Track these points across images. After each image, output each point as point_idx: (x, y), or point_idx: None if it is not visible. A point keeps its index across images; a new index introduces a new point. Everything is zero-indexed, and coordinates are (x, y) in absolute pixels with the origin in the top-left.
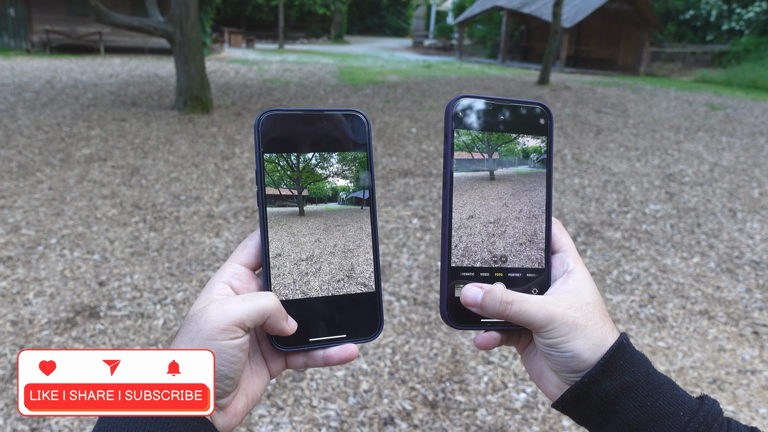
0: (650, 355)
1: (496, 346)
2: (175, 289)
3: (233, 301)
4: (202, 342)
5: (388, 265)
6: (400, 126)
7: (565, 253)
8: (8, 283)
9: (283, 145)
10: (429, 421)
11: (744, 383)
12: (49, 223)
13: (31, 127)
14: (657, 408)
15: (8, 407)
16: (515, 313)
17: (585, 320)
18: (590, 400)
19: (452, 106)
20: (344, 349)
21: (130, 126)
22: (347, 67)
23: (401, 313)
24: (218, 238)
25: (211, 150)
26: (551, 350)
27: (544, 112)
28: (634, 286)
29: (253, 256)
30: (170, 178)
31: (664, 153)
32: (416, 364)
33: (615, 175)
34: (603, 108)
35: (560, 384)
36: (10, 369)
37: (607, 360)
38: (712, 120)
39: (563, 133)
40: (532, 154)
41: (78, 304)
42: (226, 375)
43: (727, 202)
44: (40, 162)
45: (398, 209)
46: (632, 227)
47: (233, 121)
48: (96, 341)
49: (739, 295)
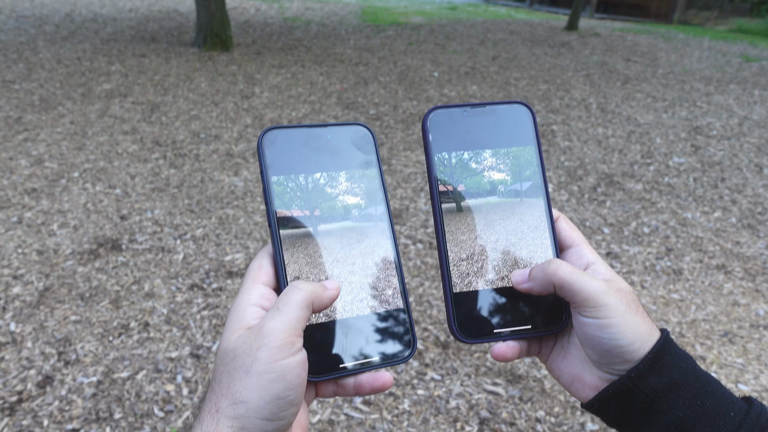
0: (663, 307)
1: (515, 357)
2: (195, 225)
3: (272, 317)
4: (262, 369)
5: (405, 209)
6: (422, 69)
7: (579, 247)
8: (33, 213)
9: (289, 167)
10: (440, 360)
11: (756, 337)
12: (72, 156)
13: (52, 61)
14: (707, 407)
15: (36, 331)
16: (567, 275)
17: (636, 306)
18: (635, 398)
19: (427, 120)
20: (377, 377)
21: (150, 62)
22: (369, 7)
23: (416, 256)
24: (237, 176)
25: (230, 89)
26: (599, 333)
27: (527, 113)
28: (652, 238)
29: (272, 276)
30: (190, 116)
31: (693, 105)
32: (429, 306)
33: (640, 126)
34: (632, 56)
35: (598, 384)
36: (37, 296)
37: (656, 354)
38: (746, 72)
39: (589, 81)
40: (523, 168)
41: (101, 236)
42: (292, 401)
43: (754, 157)
44: (61, 96)
45: (417, 154)
46: (654, 179)
47: (253, 60)
48: (118, 272)
49: (759, 251)
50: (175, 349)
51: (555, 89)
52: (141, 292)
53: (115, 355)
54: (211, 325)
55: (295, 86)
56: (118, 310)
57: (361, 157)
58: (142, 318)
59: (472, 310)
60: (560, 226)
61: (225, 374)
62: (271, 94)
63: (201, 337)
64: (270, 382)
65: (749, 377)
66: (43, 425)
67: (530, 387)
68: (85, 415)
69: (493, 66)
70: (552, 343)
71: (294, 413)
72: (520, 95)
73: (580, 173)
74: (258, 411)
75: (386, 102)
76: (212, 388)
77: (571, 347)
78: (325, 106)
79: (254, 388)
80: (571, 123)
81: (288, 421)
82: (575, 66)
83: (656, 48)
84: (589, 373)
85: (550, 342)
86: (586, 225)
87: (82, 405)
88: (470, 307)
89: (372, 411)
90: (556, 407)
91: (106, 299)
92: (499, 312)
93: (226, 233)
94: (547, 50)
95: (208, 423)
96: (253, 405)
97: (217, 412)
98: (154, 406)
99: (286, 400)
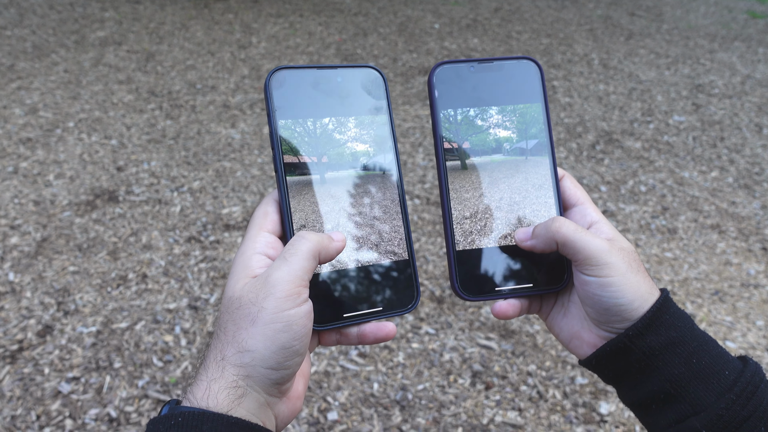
0: (656, 265)
1: (516, 315)
2: (192, 177)
3: (278, 266)
4: (269, 319)
5: (403, 164)
6: (422, 21)
7: (583, 206)
8: (29, 164)
9: (298, 110)
10: (435, 315)
11: (746, 296)
12: (66, 106)
13: (44, 6)
14: (703, 365)
15: (34, 281)
16: (570, 233)
17: (637, 266)
18: (632, 356)
19: (433, 75)
20: (380, 327)
21: (145, 9)
22: None
23: (414, 212)
24: (234, 129)
25: (227, 38)
26: (600, 292)
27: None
28: (649, 197)
29: (278, 223)
30: (186, 66)
31: (696, 62)
32: (426, 261)
33: (642, 83)
34: (637, 11)
35: (597, 342)
36: (35, 246)
37: (654, 313)
38: (751, 29)
39: (592, 35)
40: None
41: (97, 187)
42: (297, 351)
43: (754, 116)
44: (54, 43)
45: (416, 108)
46: (653, 138)
47: (250, 8)
48: (116, 224)
49: (754, 212)
50: (173, 301)
51: (557, 44)
52: (138, 243)
53: (113, 306)
54: (208, 277)
55: (293, 36)
56: (116, 261)
57: (371, 102)
58: (140, 270)
59: (474, 268)
60: (565, 185)
61: (231, 322)
62: (269, 45)
63: (199, 289)
64: (276, 332)
65: (737, 335)
66: (44, 373)
67: (522, 342)
68: (85, 364)
69: (495, 18)
70: (553, 301)
71: (299, 362)
72: (522, 49)
73: (579, 130)
74: (264, 360)
75: (386, 54)
76: (217, 336)
77: (571, 305)
78: (324, 58)
79: (260, 338)
80: (572, 79)
81: (293, 371)
82: (578, 20)
83: (662, 2)
84: (588, 331)
85: (551, 300)
86: (583, 183)
87: (82, 354)
88: (473, 265)
89: (367, 363)
90: (547, 361)
91: (104, 251)
92: (501, 270)
93: (224, 186)
94: (550, 3)
95: (213, 370)
96: (259, 354)
97: (222, 360)
98: (153, 356)
99: (291, 349)
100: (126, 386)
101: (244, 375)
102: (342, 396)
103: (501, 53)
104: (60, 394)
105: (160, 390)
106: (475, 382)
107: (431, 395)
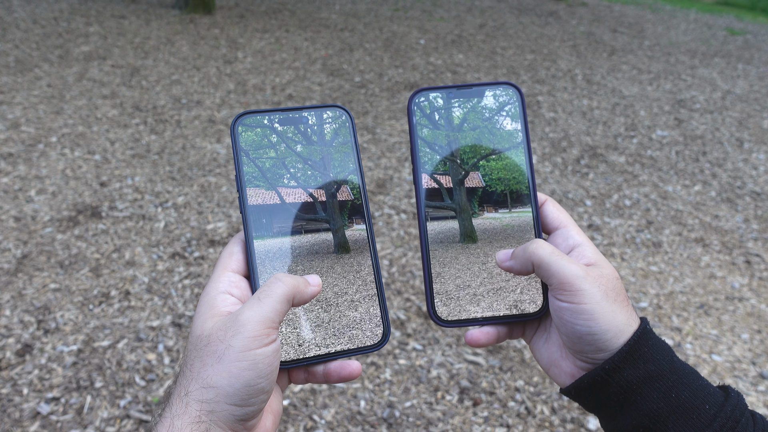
0: (642, 279)
1: (491, 342)
2: (176, 192)
3: (250, 306)
4: (235, 357)
5: (389, 178)
6: (408, 36)
7: (566, 228)
8: (10, 179)
9: (263, 153)
10: (422, 330)
11: (730, 309)
12: (49, 121)
13: (28, 21)
14: (682, 400)
15: (14, 299)
16: (546, 255)
17: (615, 294)
18: (609, 389)
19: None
20: (344, 366)
21: (130, 24)
22: None
23: (400, 226)
24: (219, 144)
25: (213, 53)
26: (572, 319)
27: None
28: (633, 211)
29: (242, 262)
30: (171, 81)
31: (677, 78)
32: (412, 276)
33: (625, 98)
34: (619, 27)
35: (574, 372)
36: (15, 263)
37: (632, 347)
38: (730, 45)
39: (576, 51)
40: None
41: (80, 203)
42: (263, 389)
43: (735, 131)
44: (38, 58)
45: (402, 123)
46: (637, 152)
47: (236, 23)
48: (98, 240)
49: (736, 225)
50: (156, 318)
51: (541, 59)
52: (122, 260)
53: (95, 324)
54: (192, 294)
55: (279, 51)
56: (98, 278)
57: (337, 141)
58: (123, 286)
59: (450, 294)
60: (547, 209)
61: (197, 359)
62: (255, 60)
63: (183, 306)
64: (241, 370)
65: (723, 348)
66: (23, 393)
67: (510, 357)
68: (66, 384)
69: (480, 34)
70: (536, 326)
71: (264, 399)
72: (506, 65)
73: (564, 145)
74: (228, 396)
75: (371, 69)
76: (183, 373)
77: (552, 331)
78: (310, 73)
79: (225, 375)
80: (556, 94)
81: (258, 408)
82: (562, 36)
83: (643, 19)
84: (566, 360)
85: (534, 324)
86: (568, 197)
87: (63, 374)
88: (449, 290)
89: (354, 381)
90: (534, 377)
91: (86, 267)
92: (478, 296)
93: (208, 201)
94: (534, 19)
95: (177, 406)
96: (223, 390)
97: (186, 396)
98: (135, 375)
99: (256, 387)
100: (107, 406)
101: (208, 410)
102: (328, 414)
103: (486, 68)
104: (39, 415)
105: (142, 410)
106: (462, 399)
107: (419, 412)
